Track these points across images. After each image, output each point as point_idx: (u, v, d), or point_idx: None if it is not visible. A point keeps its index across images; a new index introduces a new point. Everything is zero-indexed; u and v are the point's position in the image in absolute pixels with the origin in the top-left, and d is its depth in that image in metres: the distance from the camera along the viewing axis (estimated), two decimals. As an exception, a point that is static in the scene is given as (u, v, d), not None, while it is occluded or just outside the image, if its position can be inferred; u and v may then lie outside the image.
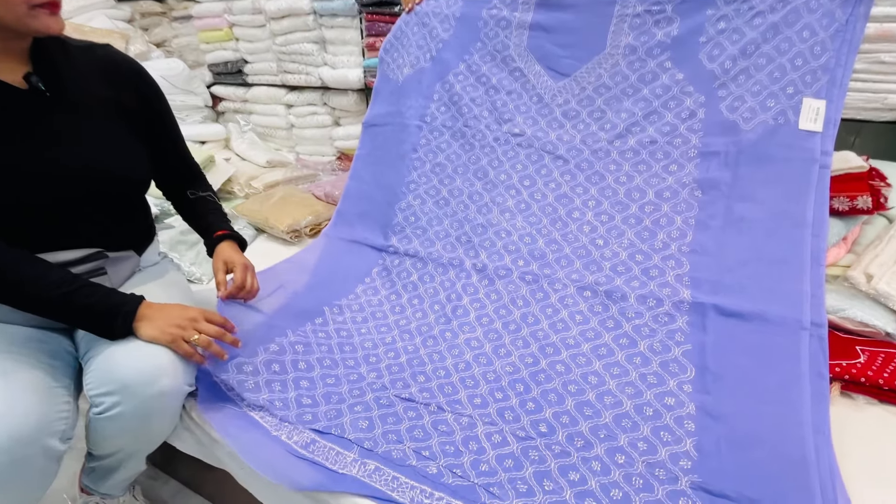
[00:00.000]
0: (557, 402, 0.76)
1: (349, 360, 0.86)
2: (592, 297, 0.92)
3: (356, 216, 1.21)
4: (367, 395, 0.78)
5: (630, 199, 0.98)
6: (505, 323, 0.93)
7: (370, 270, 1.11)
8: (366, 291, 1.06)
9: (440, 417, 0.75)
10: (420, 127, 1.22)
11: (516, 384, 0.81)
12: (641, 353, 0.82)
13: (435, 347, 0.90)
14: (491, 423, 0.74)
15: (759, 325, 0.79)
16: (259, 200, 1.49)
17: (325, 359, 0.85)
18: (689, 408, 0.73)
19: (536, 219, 1.05)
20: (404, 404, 0.77)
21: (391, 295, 1.05)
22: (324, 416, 0.73)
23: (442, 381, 0.82)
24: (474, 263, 1.05)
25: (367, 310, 1.01)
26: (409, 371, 0.84)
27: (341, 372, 0.83)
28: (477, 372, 0.84)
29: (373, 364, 0.86)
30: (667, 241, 0.92)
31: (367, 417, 0.74)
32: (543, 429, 0.72)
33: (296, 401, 0.75)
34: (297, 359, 0.83)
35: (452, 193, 1.15)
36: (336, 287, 1.06)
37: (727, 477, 0.63)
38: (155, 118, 0.81)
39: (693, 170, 0.94)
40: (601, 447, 0.69)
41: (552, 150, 1.08)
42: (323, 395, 0.77)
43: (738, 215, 0.87)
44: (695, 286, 0.86)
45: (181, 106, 1.93)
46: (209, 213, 0.91)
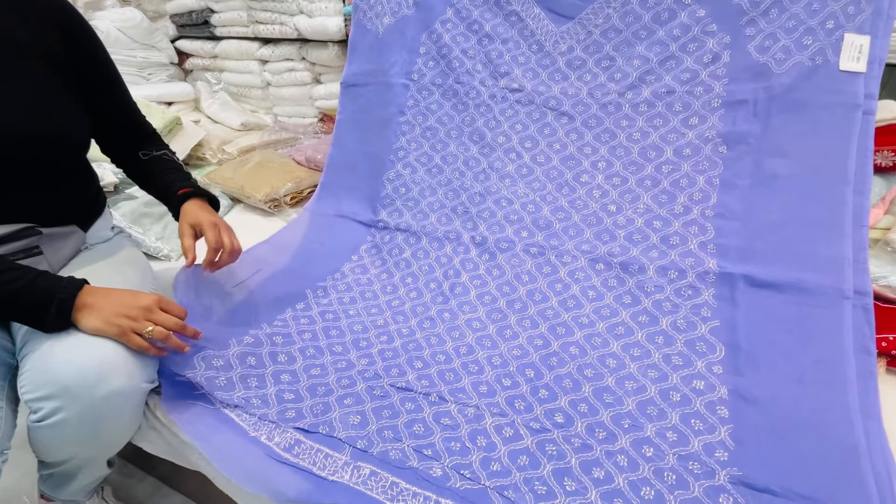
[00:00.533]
0: (573, 389, 0.69)
1: (336, 346, 0.77)
2: (606, 270, 0.83)
3: (342, 189, 1.10)
4: (357, 384, 0.70)
5: (645, 158, 0.88)
6: (509, 301, 0.85)
7: (358, 248, 1.01)
8: (353, 270, 0.96)
9: (442, 409, 0.67)
10: (406, 86, 1.09)
11: (526, 370, 0.73)
12: (664, 331, 0.74)
13: (432, 330, 0.82)
14: (500, 414, 0.66)
15: (795, 296, 0.71)
16: (233, 167, 1.36)
17: (309, 347, 0.76)
18: (720, 392, 0.65)
19: (540, 184, 0.95)
20: (401, 394, 0.69)
21: (382, 273, 0.95)
22: (309, 412, 0.65)
23: (442, 367, 0.74)
24: (473, 236, 0.95)
25: (354, 289, 0.91)
26: (404, 356, 0.76)
27: (328, 360, 0.74)
28: (481, 356, 0.76)
29: (363, 349, 0.77)
30: (688, 204, 0.82)
31: (358, 412, 0.66)
32: (560, 419, 0.65)
33: (276, 396, 0.67)
34: (277, 351, 0.74)
35: (446, 160, 1.04)
36: (320, 267, 0.96)
37: (770, 469, 0.56)
38: (88, 65, 0.68)
39: (717, 122, 0.83)
40: (626, 439, 0.62)
41: (556, 106, 0.97)
42: (308, 388, 0.69)
43: (769, 172, 0.77)
44: (721, 254, 0.77)
45: (143, 63, 1.76)
46: (167, 171, 0.78)
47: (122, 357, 0.57)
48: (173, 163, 0.81)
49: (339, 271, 0.95)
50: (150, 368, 0.62)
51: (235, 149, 1.52)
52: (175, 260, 1.06)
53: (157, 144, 0.81)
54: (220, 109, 1.76)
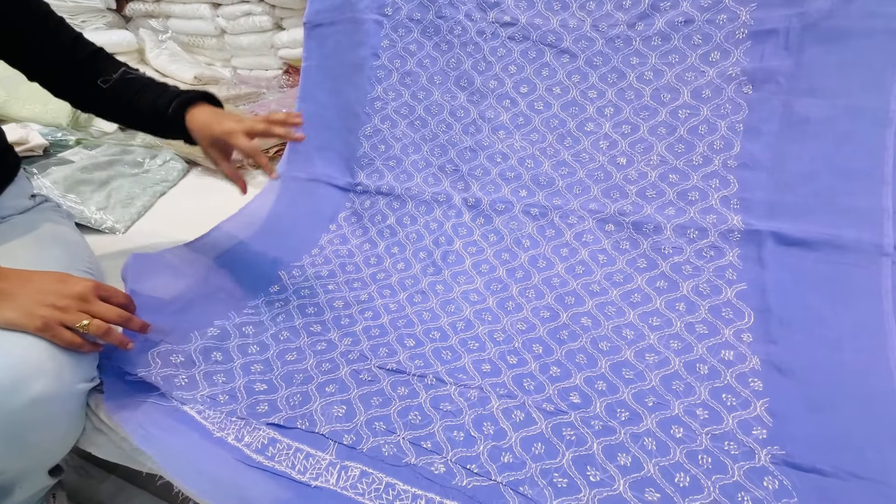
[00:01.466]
0: (588, 365, 0.61)
1: (314, 325, 0.68)
2: (617, 231, 0.74)
3: (314, 148, 0.96)
4: (341, 368, 0.61)
5: (659, 101, 0.77)
6: (510, 270, 0.76)
7: (336, 216, 0.89)
8: (332, 241, 0.85)
9: (441, 392, 0.59)
10: (379, 23, 0.94)
11: (533, 345, 0.65)
12: (685, 297, 0.67)
13: (424, 304, 0.72)
14: (508, 396, 0.58)
15: (829, 254, 0.64)
16: None
17: (283, 330, 0.66)
18: (752, 362, 0.59)
19: (539, 136, 0.84)
20: (392, 378, 0.60)
21: (364, 244, 0.84)
22: (285, 405, 0.56)
23: (437, 344, 0.65)
24: (465, 198, 0.84)
25: (334, 262, 0.80)
26: (393, 334, 0.67)
27: (305, 342, 0.65)
28: (482, 332, 0.67)
29: (346, 327, 0.68)
30: (708, 154, 0.73)
31: (343, 401, 0.57)
32: (576, 399, 0.57)
33: (245, 388, 0.57)
34: (247, 343, 0.64)
35: (430, 110, 0.91)
36: (294, 243, 0.84)
37: (814, 447, 0.50)
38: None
39: (741, 57, 0.73)
40: (651, 419, 0.55)
41: (555, 42, 0.84)
42: (283, 377, 0.59)
43: (801, 116, 0.68)
44: (746, 210, 0.69)
45: (74, 8, 1.54)
46: (139, 92, 0.66)
47: (47, 355, 0.46)
48: (140, 79, 0.68)
49: (316, 245, 0.84)
50: (87, 366, 0.51)
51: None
52: (122, 233, 0.92)
53: (112, 64, 0.67)
54: (168, 61, 1.56)
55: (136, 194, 1.00)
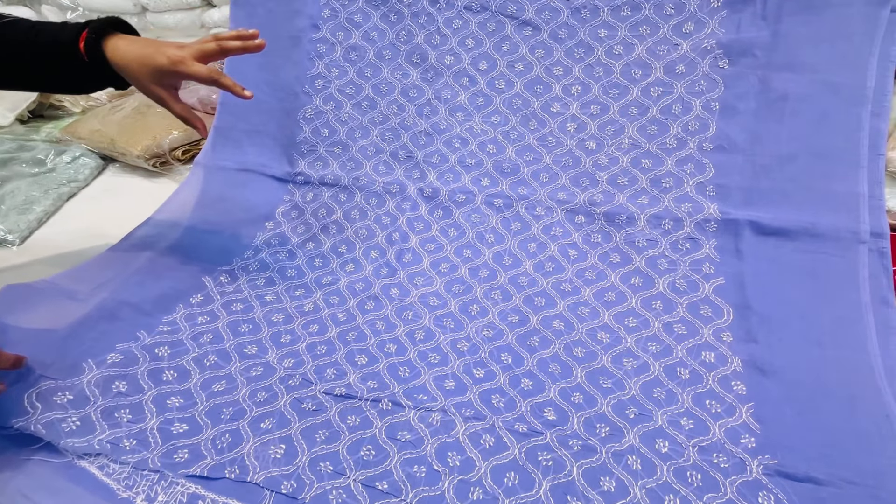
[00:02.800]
0: (563, 376, 0.56)
1: (249, 347, 0.58)
2: (588, 223, 0.69)
3: (243, 133, 0.85)
4: (280, 397, 0.52)
5: (629, 78, 0.71)
6: (473, 269, 0.69)
7: (273, 212, 0.79)
8: (269, 242, 0.75)
9: (398, 419, 0.52)
10: (318, -11, 0.83)
11: (501, 354, 0.59)
12: (661, 294, 0.62)
13: (378, 312, 0.65)
14: (475, 417, 0.51)
15: (806, 243, 0.60)
16: (101, 116, 1.05)
17: (209, 354, 0.57)
18: (733, 363, 0.55)
19: (501, 118, 0.76)
20: (340, 405, 0.52)
21: (307, 242, 0.75)
22: (211, 449, 0.47)
23: (394, 359, 0.58)
24: (421, 188, 0.76)
25: (272, 268, 0.71)
26: (342, 351, 0.59)
27: (236, 367, 0.56)
28: (443, 342, 0.61)
29: (286, 346, 0.59)
30: (682, 136, 0.68)
31: (282, 438, 0.49)
32: (551, 415, 0.52)
33: (160, 431, 0.48)
34: (161, 367, 0.54)
35: (379, 90, 0.81)
36: (222, 243, 0.74)
37: (805, 453, 0.47)
38: None
39: (717, 28, 0.67)
40: (634, 433, 0.50)
41: (516, 12, 0.76)
42: (208, 412, 0.50)
43: (779, 92, 0.64)
44: (722, 197, 0.65)
45: None
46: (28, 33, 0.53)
47: None
48: (21, 20, 0.55)
49: (250, 247, 0.74)
50: None
51: (104, 93, 1.18)
52: (16, 246, 0.79)
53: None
54: None
55: (36, 198, 0.86)
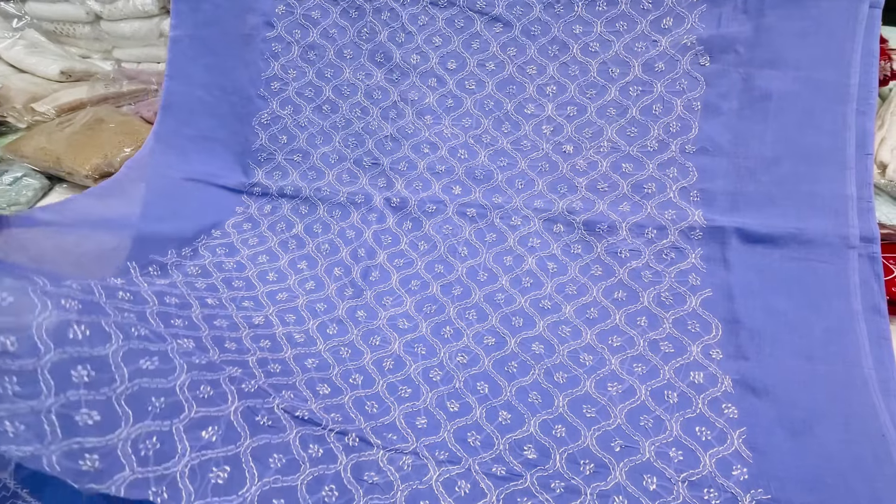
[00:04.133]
0: (544, 406, 0.52)
1: (185, 342, 0.48)
2: (567, 233, 0.65)
3: (188, 140, 0.78)
4: (229, 400, 0.42)
5: (607, 77, 0.68)
6: (446, 286, 0.64)
7: (221, 223, 0.72)
8: (213, 250, 0.68)
9: (366, 458, 0.47)
10: (271, -18, 0.77)
11: (477, 384, 0.55)
12: (646, 309, 0.59)
13: (342, 337, 0.59)
14: (450, 461, 0.47)
15: (795, 250, 0.58)
16: (48, 132, 0.97)
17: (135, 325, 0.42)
18: (724, 384, 0.52)
19: (473, 120, 0.72)
20: (302, 429, 0.46)
21: (260, 256, 0.69)
22: (131, 455, 0.35)
23: (360, 392, 0.53)
24: (388, 198, 0.71)
25: (215, 276, 0.64)
26: (300, 377, 0.52)
27: (172, 348, 0.43)
28: (414, 372, 0.56)
29: (231, 353, 0.51)
30: (664, 138, 0.65)
31: (228, 458, 0.40)
32: (531, 454, 0.48)
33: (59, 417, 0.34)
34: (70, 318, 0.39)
35: (341, 92, 0.76)
36: (156, 235, 0.65)
37: (800, 483, 0.44)
38: None
39: (696, 23, 0.64)
40: (620, 469, 0.47)
41: (485, 7, 0.72)
42: (129, 399, 0.37)
43: (761, 91, 0.61)
44: (707, 202, 0.62)
45: None
46: None
47: None
48: None
49: (190, 246, 0.66)
50: None
51: (52, 106, 1.08)
52: None
53: None
54: (25, 53, 1.26)
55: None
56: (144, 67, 1.41)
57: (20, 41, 1.32)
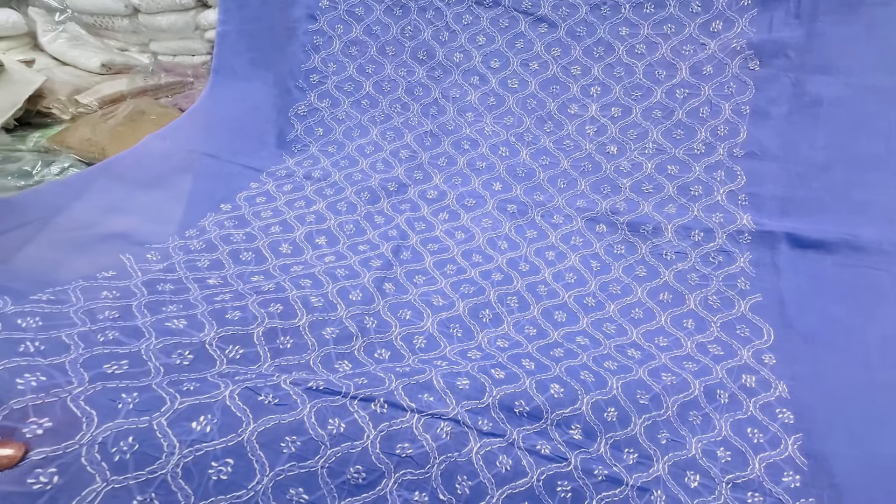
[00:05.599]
0: (597, 385, 0.49)
1: (175, 321, 0.45)
2: (610, 233, 0.65)
3: (225, 132, 0.80)
4: (221, 388, 0.39)
5: (653, 79, 0.68)
6: (485, 273, 0.63)
7: (233, 195, 0.68)
8: (222, 225, 0.63)
9: (397, 426, 0.41)
10: (317, -22, 0.79)
11: (521, 360, 0.53)
12: (693, 312, 0.58)
13: (366, 306, 0.54)
14: (492, 433, 0.44)
15: (847, 257, 0.57)
16: (92, 124, 1.00)
17: (108, 330, 0.42)
18: (778, 388, 0.51)
19: (515, 119, 0.73)
20: (317, 401, 0.40)
21: (273, 227, 0.64)
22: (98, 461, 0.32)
23: (386, 365, 0.48)
24: (424, 191, 0.71)
25: (221, 249, 0.58)
26: (316, 352, 0.47)
27: (150, 345, 0.41)
28: (450, 352, 0.54)
29: (232, 325, 0.46)
30: (711, 141, 0.65)
31: (229, 449, 0.36)
32: (577, 435, 0.46)
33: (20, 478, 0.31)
34: (23, 338, 0.39)
35: (381, 87, 0.78)
36: (156, 220, 0.62)
37: (858, 492, 0.43)
38: None
39: (747, 27, 0.65)
40: (664, 462, 0.45)
41: (530, 8, 0.73)
42: (93, 400, 0.35)
43: (812, 96, 0.62)
44: (756, 207, 0.61)
45: None
46: None
47: None
48: None
49: (193, 226, 0.62)
50: None
51: (95, 98, 1.12)
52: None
53: None
54: (68, 46, 1.31)
55: None
56: (180, 60, 1.45)
57: (62, 34, 1.36)
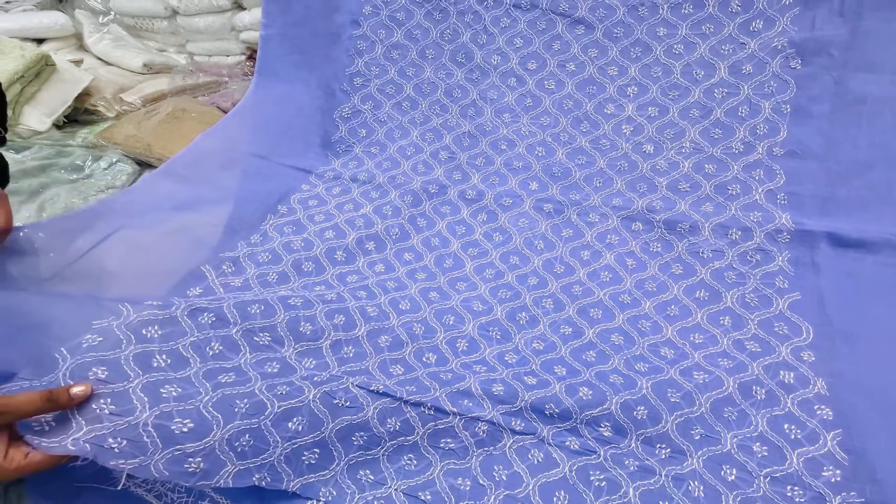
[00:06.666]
0: (626, 386, 0.52)
1: (261, 336, 0.52)
2: (646, 231, 0.67)
3: (268, 126, 0.84)
4: (305, 392, 0.47)
5: (691, 78, 0.69)
6: (521, 276, 0.67)
7: (287, 197, 0.74)
8: (280, 229, 0.69)
9: (442, 426, 0.49)
10: (361, -15, 0.83)
11: (554, 366, 0.56)
12: (730, 309, 0.59)
13: (415, 314, 0.61)
14: (525, 432, 0.49)
15: (889, 256, 0.57)
16: (137, 121, 1.07)
17: (212, 340, 0.50)
18: (817, 385, 0.52)
19: (551, 119, 0.75)
20: (378, 402, 0.48)
21: (327, 232, 0.70)
22: (229, 453, 0.41)
23: (434, 369, 0.55)
24: (463, 191, 0.75)
25: (285, 259, 0.65)
26: (373, 359, 0.54)
27: (247, 359, 0.50)
28: (489, 354, 0.58)
29: (306, 340, 0.53)
30: (750, 140, 0.66)
31: (316, 442, 0.45)
32: (607, 432, 0.49)
33: (157, 428, 0.39)
34: (150, 350, 0.46)
35: (421, 90, 0.81)
36: (227, 225, 0.68)
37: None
38: None
39: (788, 26, 0.65)
40: (698, 456, 0.47)
41: (567, 10, 0.75)
42: (216, 405, 0.43)
43: (857, 94, 0.62)
44: (795, 206, 0.62)
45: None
46: None
47: None
48: None
49: (257, 230, 0.69)
50: None
51: (138, 97, 1.20)
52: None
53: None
54: (112, 47, 1.41)
55: (75, 205, 0.87)
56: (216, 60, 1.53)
57: (107, 35, 1.46)
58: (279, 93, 0.87)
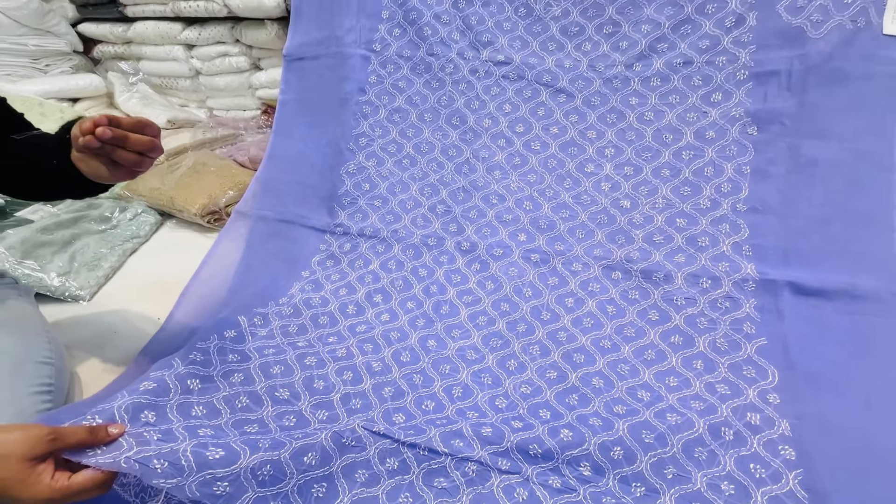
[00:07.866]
0: (604, 428, 0.57)
1: (281, 391, 0.61)
2: (625, 280, 0.73)
3: (286, 185, 0.93)
4: (320, 434, 0.53)
5: (661, 142, 0.77)
6: (511, 323, 0.72)
7: (308, 261, 0.84)
8: (303, 289, 0.80)
9: (435, 465, 0.54)
10: (366, 58, 0.93)
11: (539, 410, 0.61)
12: (702, 353, 0.64)
13: (414, 365, 0.67)
14: (510, 471, 0.53)
15: (848, 304, 0.63)
16: (160, 174, 1.16)
17: (241, 395, 0.59)
18: (781, 427, 0.56)
19: (537, 176, 0.82)
20: (379, 443, 0.54)
21: (341, 289, 0.79)
22: (252, 480, 0.46)
23: (431, 416, 0.61)
24: (458, 242, 0.82)
25: (304, 314, 0.75)
26: (378, 409, 0.60)
27: (268, 412, 0.58)
28: (481, 399, 0.63)
29: (319, 394, 0.61)
30: (716, 197, 0.72)
31: (325, 476, 0.50)
32: (586, 471, 0.53)
33: (194, 455, 0.44)
34: (191, 402, 0.56)
35: (420, 149, 0.89)
36: (259, 289, 0.79)
37: None
38: None
39: (744, 98, 0.74)
40: (670, 494, 0.51)
41: (550, 81, 0.84)
42: (244, 441, 0.49)
43: (809, 158, 0.69)
44: (759, 257, 0.68)
45: (37, 52, 1.51)
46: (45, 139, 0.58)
47: None
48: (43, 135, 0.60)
49: (285, 294, 0.79)
50: None
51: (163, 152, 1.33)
52: (86, 301, 0.86)
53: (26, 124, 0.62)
54: (140, 105, 1.53)
55: (103, 254, 0.94)
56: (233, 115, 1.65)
57: (135, 94, 1.59)
58: (293, 152, 0.96)
